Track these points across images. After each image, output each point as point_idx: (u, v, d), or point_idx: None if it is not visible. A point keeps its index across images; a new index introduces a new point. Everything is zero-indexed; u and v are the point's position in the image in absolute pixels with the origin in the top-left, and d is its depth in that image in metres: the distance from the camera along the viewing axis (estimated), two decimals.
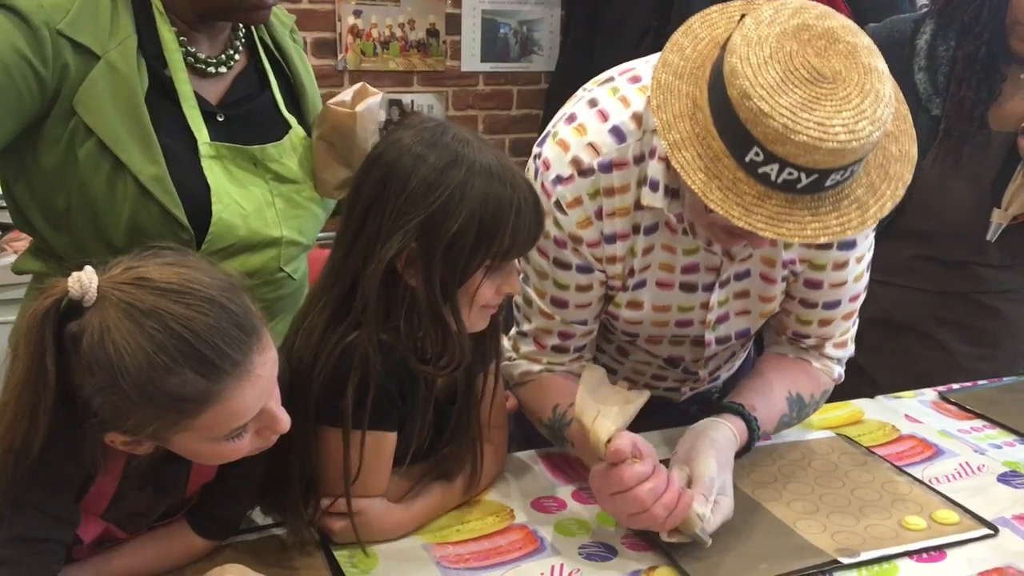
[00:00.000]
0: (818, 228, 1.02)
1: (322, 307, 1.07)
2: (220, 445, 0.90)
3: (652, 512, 1.06)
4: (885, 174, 1.07)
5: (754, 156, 0.99)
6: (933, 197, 1.71)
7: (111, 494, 0.98)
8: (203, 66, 1.23)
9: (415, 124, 1.07)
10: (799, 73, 0.98)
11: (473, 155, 1.03)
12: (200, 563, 1.05)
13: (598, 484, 1.10)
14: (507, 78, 3.49)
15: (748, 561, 1.10)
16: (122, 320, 0.81)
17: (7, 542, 0.88)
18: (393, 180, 1.02)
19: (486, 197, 1.02)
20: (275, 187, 1.26)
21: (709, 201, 1.01)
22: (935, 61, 1.70)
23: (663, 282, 1.24)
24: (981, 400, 1.56)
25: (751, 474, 1.30)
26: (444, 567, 1.09)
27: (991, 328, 1.80)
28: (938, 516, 1.20)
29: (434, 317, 1.05)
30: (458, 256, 1.02)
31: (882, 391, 1.61)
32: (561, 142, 1.18)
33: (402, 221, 1.01)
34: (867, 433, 1.45)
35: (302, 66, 1.37)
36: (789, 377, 1.31)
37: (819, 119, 0.96)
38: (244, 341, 0.85)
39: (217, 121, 1.23)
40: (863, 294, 1.33)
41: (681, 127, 1.04)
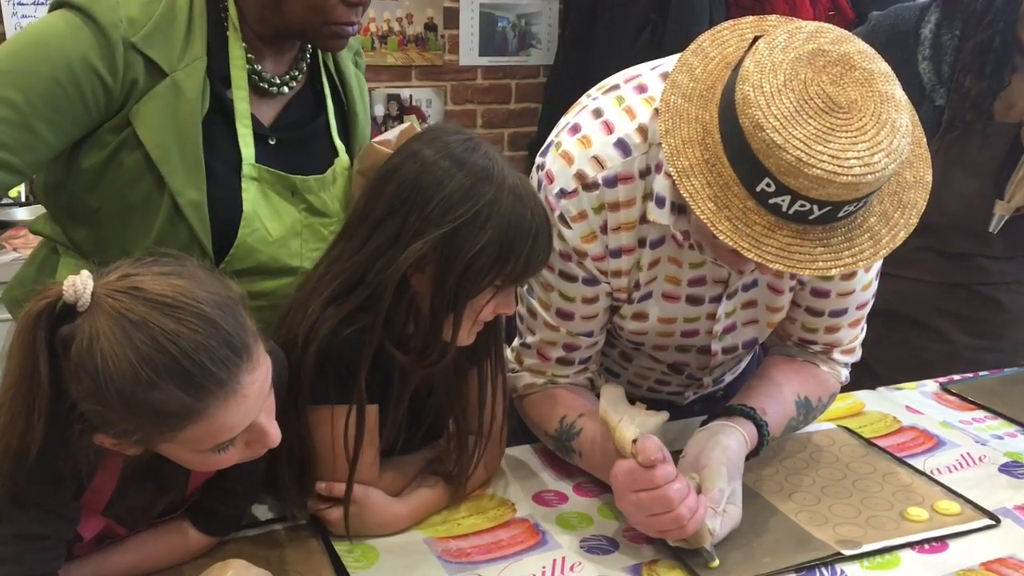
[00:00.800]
0: (830, 260, 1.00)
1: (323, 296, 1.08)
2: (206, 456, 0.89)
3: (678, 513, 1.03)
4: (899, 202, 1.04)
5: (765, 187, 0.97)
6: (935, 188, 1.69)
7: (111, 491, 0.98)
8: (265, 84, 1.22)
9: (440, 135, 1.07)
10: (814, 103, 0.95)
11: (502, 173, 1.04)
12: (201, 559, 1.05)
13: (624, 481, 1.07)
14: (506, 72, 3.48)
15: (750, 554, 1.10)
16: (112, 329, 0.81)
17: (7, 539, 0.88)
18: (423, 186, 1.03)
19: (510, 219, 1.03)
20: (306, 217, 1.25)
21: (718, 232, 0.99)
22: (939, 50, 1.69)
23: (669, 294, 1.23)
24: (983, 391, 1.56)
25: (754, 466, 1.30)
26: (445, 561, 1.08)
27: (993, 320, 1.79)
28: (940, 507, 1.20)
29: (433, 323, 1.06)
30: (475, 274, 1.03)
31: (883, 383, 1.61)
32: (565, 154, 1.16)
33: (425, 230, 1.02)
34: (868, 425, 1.45)
35: (359, 93, 1.36)
36: (798, 380, 1.30)
37: (833, 151, 0.93)
38: (232, 360, 0.84)
39: (268, 144, 1.22)
40: (871, 301, 1.31)
41: (690, 153, 1.01)
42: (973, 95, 1.65)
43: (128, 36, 1.09)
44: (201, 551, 1.07)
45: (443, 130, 1.09)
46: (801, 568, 1.08)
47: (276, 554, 1.09)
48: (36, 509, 0.89)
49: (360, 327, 1.06)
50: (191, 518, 1.07)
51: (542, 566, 1.08)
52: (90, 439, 0.87)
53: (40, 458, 0.85)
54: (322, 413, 1.08)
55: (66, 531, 0.93)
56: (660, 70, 1.18)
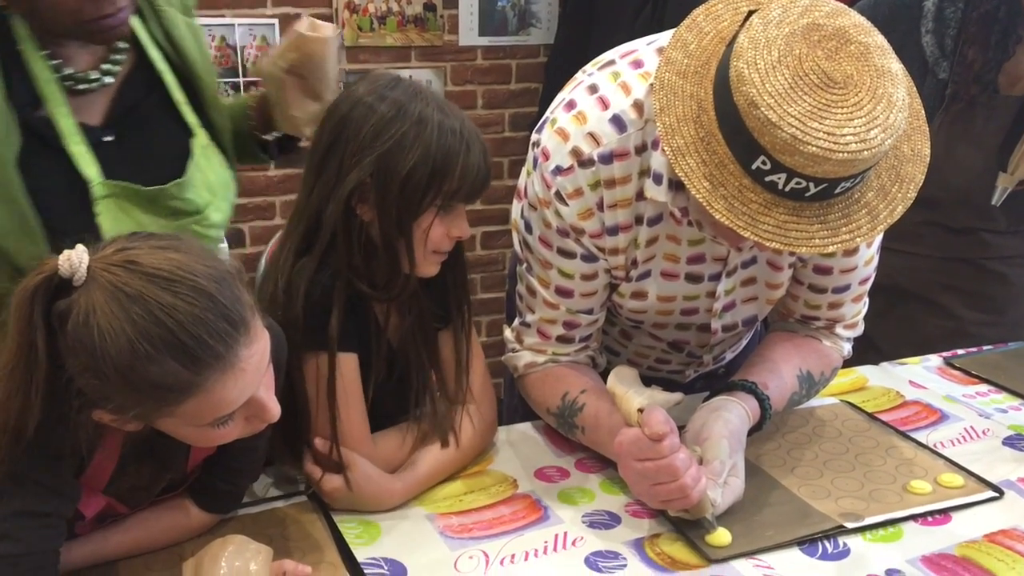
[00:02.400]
0: (827, 237, 0.99)
1: (287, 249, 1.12)
2: (205, 431, 0.89)
3: (682, 482, 1.03)
4: (897, 176, 1.03)
5: (761, 165, 0.96)
6: (939, 162, 1.68)
7: (111, 469, 0.98)
8: (82, 84, 1.09)
9: (369, 79, 1.13)
10: (809, 79, 0.93)
11: (427, 98, 1.09)
12: (203, 536, 1.05)
13: (628, 449, 1.06)
14: (506, 52, 3.45)
15: (753, 528, 1.09)
16: (108, 303, 0.80)
17: (7, 517, 0.88)
18: (352, 121, 1.08)
19: (439, 135, 1.07)
20: (173, 221, 1.15)
21: (714, 211, 0.98)
22: (943, 23, 1.67)
23: (668, 272, 1.22)
24: (986, 365, 1.56)
25: (755, 441, 1.29)
26: (448, 537, 1.09)
27: (997, 294, 1.79)
28: (943, 480, 1.20)
29: (387, 249, 1.11)
30: (412, 192, 1.07)
31: (887, 358, 1.60)
32: (560, 131, 1.15)
33: (358, 158, 1.07)
34: (871, 399, 1.44)
35: (198, 53, 1.21)
36: (799, 355, 1.29)
37: (829, 128, 0.92)
38: (230, 334, 0.84)
39: (106, 143, 1.09)
40: (873, 275, 1.30)
41: (685, 131, 1.00)
42: (977, 67, 1.64)
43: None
44: (203, 528, 1.07)
45: (375, 74, 1.15)
46: (804, 541, 1.08)
47: (278, 531, 1.09)
48: (36, 487, 0.89)
49: (332, 272, 1.10)
50: (192, 496, 1.07)
51: (544, 541, 1.08)
52: (88, 415, 0.86)
53: (38, 435, 0.85)
54: (307, 361, 1.11)
55: (66, 509, 0.93)
56: (656, 45, 1.17)
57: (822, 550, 1.07)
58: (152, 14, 1.18)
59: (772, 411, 1.21)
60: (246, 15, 3.13)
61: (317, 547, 1.06)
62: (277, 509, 1.13)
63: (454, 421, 1.20)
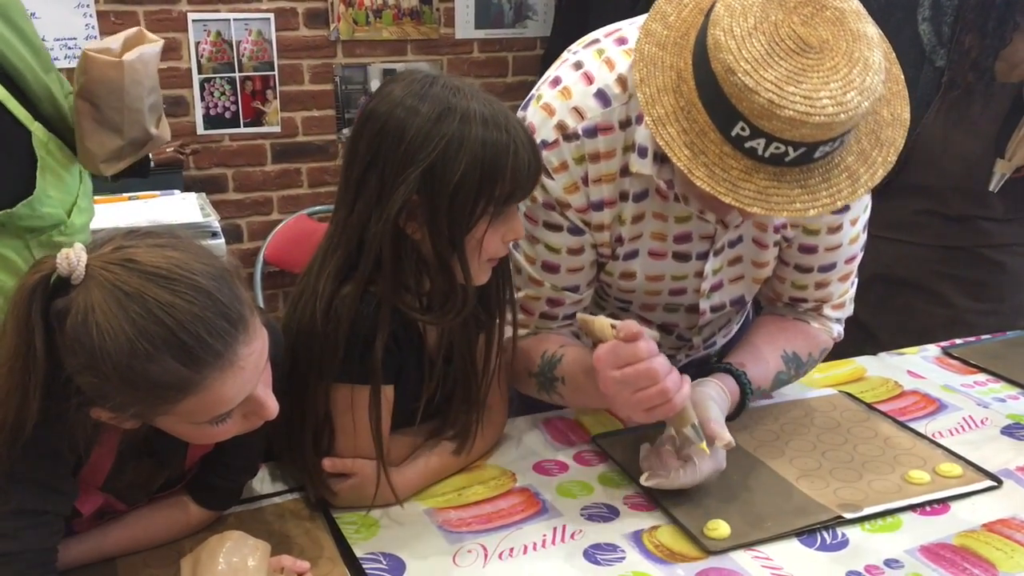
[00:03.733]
0: (808, 201, 1.00)
1: (329, 272, 1.06)
2: (203, 428, 0.89)
3: (664, 385, 1.03)
4: (877, 140, 1.04)
5: (740, 131, 0.97)
6: (936, 150, 1.69)
7: (108, 466, 0.98)
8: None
9: (403, 78, 1.05)
10: (785, 44, 0.95)
11: (466, 103, 1.02)
12: (201, 532, 1.05)
13: (606, 359, 1.05)
14: (502, 45, 3.45)
15: (752, 519, 1.09)
16: (106, 302, 0.80)
17: (6, 515, 0.88)
18: (389, 134, 1.01)
19: (483, 143, 1.01)
20: (33, 239, 1.04)
21: (695, 178, 0.99)
22: (940, 11, 1.67)
23: (656, 251, 1.23)
24: (985, 354, 1.56)
25: (753, 433, 1.29)
26: (446, 531, 1.08)
27: (995, 282, 1.79)
28: (941, 469, 1.19)
29: (441, 268, 1.05)
30: (463, 204, 1.01)
31: (885, 348, 1.60)
32: (546, 106, 1.16)
33: (403, 175, 1.00)
34: (869, 390, 1.44)
35: (13, 36, 1.06)
36: (784, 336, 1.30)
37: (806, 92, 0.93)
38: (229, 332, 0.83)
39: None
40: (860, 255, 1.31)
41: (665, 101, 1.01)
42: (974, 55, 1.63)
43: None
44: (201, 525, 1.07)
45: (411, 71, 1.08)
46: (803, 532, 1.08)
47: (277, 527, 1.09)
48: (34, 485, 0.89)
49: (378, 301, 1.04)
50: (190, 492, 1.06)
51: (543, 534, 1.08)
52: (87, 413, 0.86)
53: (36, 433, 0.85)
54: (343, 391, 1.07)
55: (64, 507, 0.93)
56: (640, 23, 1.17)
57: (821, 541, 1.07)
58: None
59: (754, 388, 1.22)
60: (241, 10, 3.12)
61: (315, 542, 1.06)
62: (275, 505, 1.13)
63: (473, 428, 1.18)
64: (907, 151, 1.69)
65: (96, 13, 2.95)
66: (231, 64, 3.15)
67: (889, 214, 1.78)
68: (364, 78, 3.29)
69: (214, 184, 3.19)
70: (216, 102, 3.17)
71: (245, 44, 3.14)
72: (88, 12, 2.95)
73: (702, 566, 1.03)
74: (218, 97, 3.16)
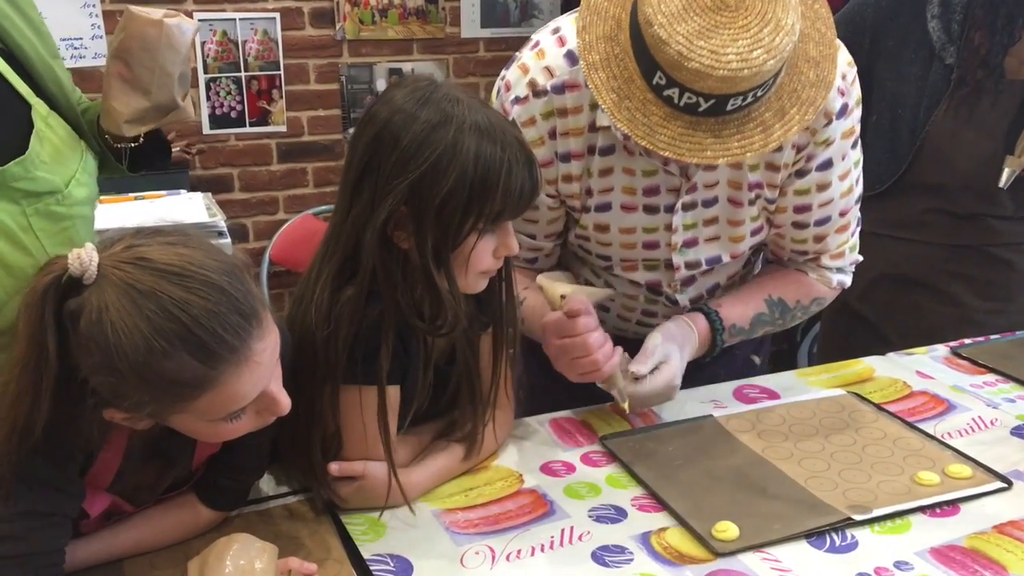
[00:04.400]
0: (719, 150, 1.07)
1: (326, 276, 1.06)
2: (218, 425, 0.89)
3: (594, 357, 1.19)
4: (797, 99, 1.10)
5: (659, 80, 1.05)
6: (945, 148, 1.69)
7: (116, 467, 0.98)
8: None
9: (408, 83, 1.05)
10: (703, 1, 1.02)
11: (464, 114, 1.01)
12: (208, 533, 1.05)
13: (550, 328, 1.21)
14: (508, 43, 3.44)
15: (760, 521, 1.09)
16: (120, 300, 0.80)
17: (14, 517, 0.88)
18: (384, 140, 1.01)
19: (476, 157, 1.00)
20: (29, 204, 1.01)
21: (616, 120, 1.08)
22: (949, 8, 1.66)
23: (627, 205, 1.29)
24: (994, 354, 1.55)
25: (761, 434, 1.29)
26: (453, 533, 1.08)
27: (1004, 281, 1.78)
28: (951, 471, 1.19)
29: (427, 281, 1.04)
30: (449, 219, 1.01)
31: (894, 348, 1.59)
32: (522, 65, 1.24)
33: (392, 184, 1.00)
34: (878, 390, 1.43)
35: (18, 16, 1.06)
36: (772, 283, 1.38)
37: (713, 47, 1.01)
38: (243, 327, 0.84)
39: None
40: (855, 207, 1.35)
41: (601, 48, 1.10)
42: (983, 52, 1.62)
43: None
44: (209, 526, 1.07)
45: (416, 76, 1.09)
46: (811, 534, 1.07)
47: (284, 528, 1.09)
48: (42, 486, 0.89)
49: (380, 307, 1.04)
50: (197, 493, 1.06)
51: (550, 536, 1.08)
52: (100, 414, 0.86)
53: (46, 435, 0.85)
54: (349, 393, 1.07)
55: (72, 508, 0.93)
56: None
57: (830, 543, 1.07)
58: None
59: (725, 325, 1.32)
60: (247, 9, 3.12)
61: (323, 544, 1.06)
62: (282, 506, 1.13)
63: (480, 430, 1.18)
64: (916, 149, 1.70)
65: (102, 12, 2.95)
66: (237, 64, 3.15)
67: (898, 213, 1.77)
68: (370, 77, 3.29)
69: (220, 184, 3.19)
70: (222, 102, 3.17)
71: (251, 44, 3.14)
72: (94, 12, 2.95)
73: (711, 568, 1.02)
74: (224, 97, 3.17)
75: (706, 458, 1.23)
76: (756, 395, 1.42)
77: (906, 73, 1.70)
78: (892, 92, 1.72)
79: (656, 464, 1.21)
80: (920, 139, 1.69)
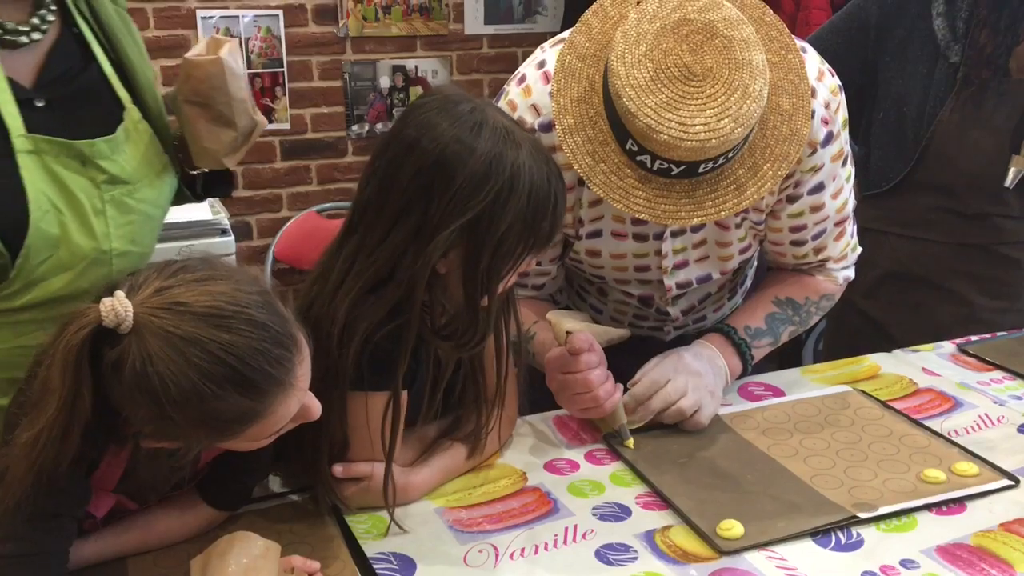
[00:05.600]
0: (692, 210, 1.11)
1: (355, 292, 1.04)
2: (260, 442, 0.92)
3: (595, 394, 1.20)
4: (771, 154, 1.12)
5: (631, 146, 1.08)
6: (951, 148, 1.68)
7: (122, 469, 0.98)
8: (12, 36, 1.02)
9: (447, 107, 1.03)
10: (670, 72, 1.05)
11: (515, 151, 1.01)
12: (212, 532, 1.05)
13: (553, 364, 1.23)
14: (512, 40, 3.44)
15: (765, 519, 1.08)
16: (163, 349, 0.80)
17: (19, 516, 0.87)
18: (436, 175, 1.00)
19: (531, 191, 1.01)
20: (106, 190, 1.06)
21: (592, 184, 1.11)
22: (954, 6, 1.65)
23: (617, 232, 1.30)
24: (1001, 351, 1.54)
25: (766, 431, 1.29)
26: (457, 531, 1.08)
27: (1011, 280, 1.77)
28: (957, 468, 1.18)
29: (468, 307, 1.06)
30: (506, 253, 1.03)
31: (900, 345, 1.59)
32: (510, 102, 1.25)
33: (448, 222, 1.00)
34: (884, 387, 1.43)
35: (128, 35, 1.15)
36: (776, 285, 1.39)
37: (681, 118, 1.03)
38: (286, 357, 0.86)
39: (36, 107, 1.03)
40: (850, 214, 1.36)
41: (575, 111, 1.12)
42: (988, 51, 1.62)
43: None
44: (212, 524, 1.07)
45: (450, 98, 1.05)
46: (817, 532, 1.07)
47: (287, 526, 1.08)
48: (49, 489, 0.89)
49: (397, 324, 1.04)
50: (202, 492, 1.06)
51: (554, 534, 1.07)
52: (136, 443, 0.89)
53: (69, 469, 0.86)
54: (357, 399, 1.07)
55: (78, 510, 0.93)
56: None
57: (835, 541, 1.06)
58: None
59: (735, 327, 1.34)
60: (251, 6, 3.12)
61: (326, 542, 1.06)
62: (286, 504, 1.13)
63: (486, 428, 1.18)
64: (921, 148, 1.69)
65: None
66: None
67: (904, 212, 1.76)
68: (373, 74, 3.29)
69: None
70: None
71: (254, 41, 3.13)
72: None
73: (715, 566, 1.02)
74: None
75: (711, 456, 1.22)
76: (761, 392, 1.41)
77: (911, 71, 1.69)
78: (898, 90, 1.71)
79: (660, 462, 1.21)
80: (926, 138, 1.68)
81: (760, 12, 1.16)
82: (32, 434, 0.83)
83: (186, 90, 1.09)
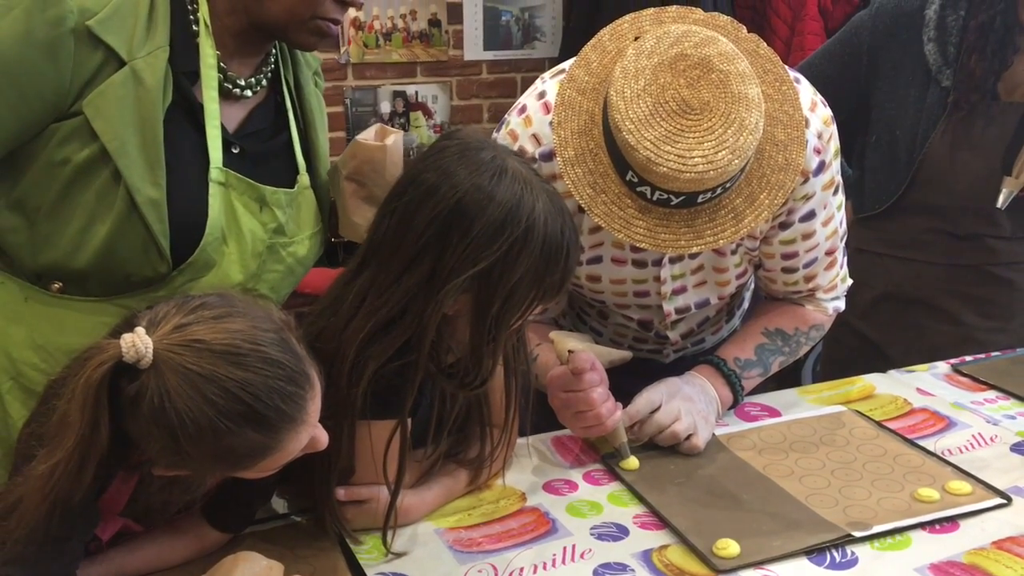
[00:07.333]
0: (692, 239, 1.14)
1: (363, 335, 1.04)
2: (267, 472, 0.94)
3: (597, 412, 1.21)
4: (767, 183, 1.15)
5: (631, 178, 1.11)
6: (944, 170, 1.70)
7: (130, 493, 0.99)
8: (231, 86, 1.14)
9: (465, 154, 1.04)
10: (668, 106, 1.07)
11: (532, 201, 1.02)
12: (216, 553, 1.06)
13: (555, 383, 1.24)
14: (511, 66, 3.48)
15: (761, 538, 1.10)
16: (181, 385, 0.82)
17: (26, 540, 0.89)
18: (454, 223, 1.00)
19: (543, 243, 1.02)
20: (271, 237, 1.17)
21: (593, 215, 1.13)
22: (944, 32, 1.68)
23: (617, 258, 1.32)
24: (994, 371, 1.56)
25: (762, 451, 1.30)
26: (456, 551, 1.09)
27: (1004, 300, 1.78)
28: (951, 487, 1.20)
29: (474, 353, 1.07)
30: (515, 304, 1.05)
31: (894, 366, 1.60)
32: (511, 132, 1.27)
33: (461, 270, 1.01)
34: (879, 407, 1.44)
35: (319, 111, 1.29)
36: (765, 316, 1.41)
37: (680, 151, 1.06)
38: (299, 395, 0.88)
39: (232, 152, 1.14)
40: (840, 244, 1.37)
41: (576, 143, 1.15)
42: (978, 76, 1.64)
43: (80, 24, 1.03)
44: (216, 546, 1.08)
45: (471, 144, 1.06)
46: (812, 550, 1.08)
47: (289, 547, 1.10)
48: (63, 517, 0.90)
49: (404, 363, 1.05)
50: (206, 515, 1.07)
51: (552, 554, 1.09)
52: (148, 471, 0.91)
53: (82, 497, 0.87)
54: (362, 427, 1.08)
55: (85, 533, 0.94)
56: None
57: (830, 559, 1.07)
58: (291, 61, 1.25)
59: (724, 358, 1.36)
60: None
61: (328, 563, 1.07)
62: (288, 525, 1.15)
63: (490, 458, 1.20)
64: (914, 171, 1.72)
65: None
66: None
67: (898, 233, 1.78)
68: (374, 100, 3.33)
69: None
70: None
71: None
72: None
73: None
74: None
75: (707, 475, 1.24)
76: (757, 413, 1.43)
77: (903, 95, 1.72)
78: (890, 114, 1.74)
79: (657, 482, 1.22)
80: (918, 161, 1.71)
81: (754, 45, 1.19)
82: (49, 466, 0.84)
83: (349, 167, 1.22)
